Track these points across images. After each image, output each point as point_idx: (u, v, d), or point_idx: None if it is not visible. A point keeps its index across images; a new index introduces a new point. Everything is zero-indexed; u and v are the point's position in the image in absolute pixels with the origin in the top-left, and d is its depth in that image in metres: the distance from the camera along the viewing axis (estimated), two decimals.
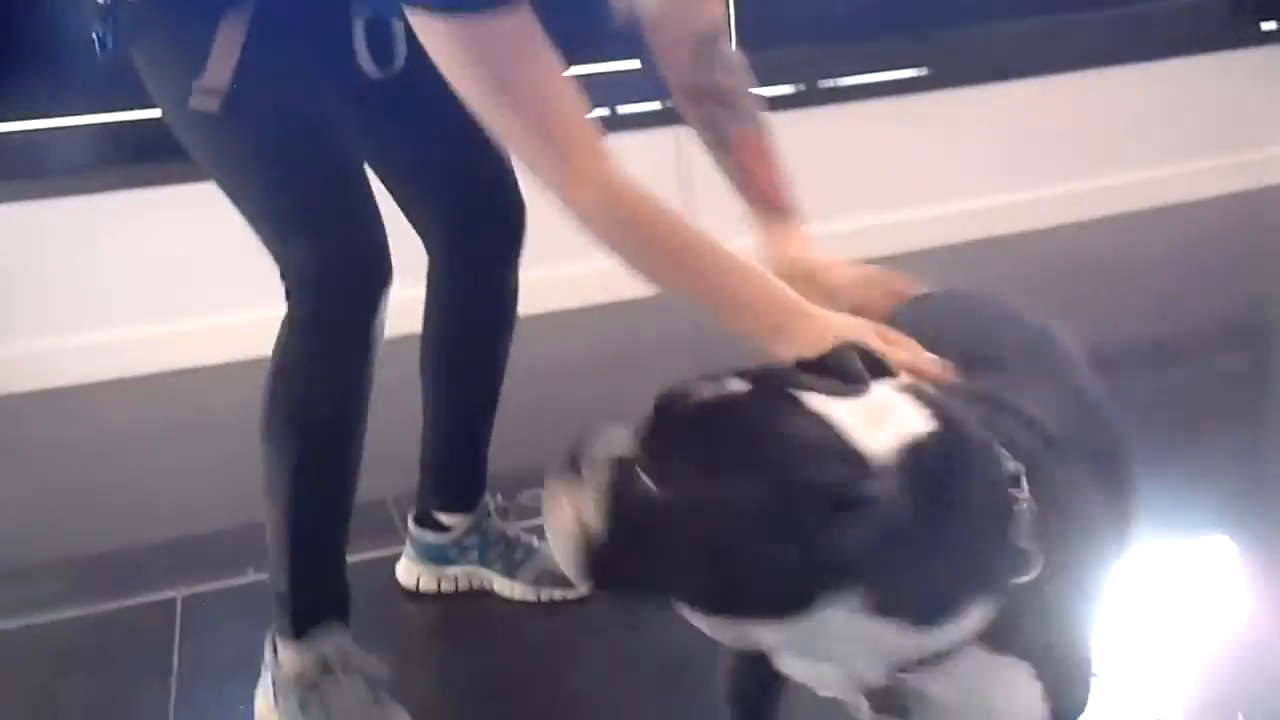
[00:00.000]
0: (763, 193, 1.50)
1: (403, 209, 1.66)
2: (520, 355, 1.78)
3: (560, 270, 2.39)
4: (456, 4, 1.21)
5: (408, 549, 1.85)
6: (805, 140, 3.33)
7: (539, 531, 1.41)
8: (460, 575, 1.83)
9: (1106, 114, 3.64)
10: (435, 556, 1.82)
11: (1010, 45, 3.62)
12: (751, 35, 3.32)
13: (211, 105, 1.35)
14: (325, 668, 1.48)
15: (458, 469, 1.81)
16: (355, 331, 1.42)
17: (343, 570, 1.53)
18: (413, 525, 1.83)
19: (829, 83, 3.43)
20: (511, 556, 1.80)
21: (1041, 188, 3.59)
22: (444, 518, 1.80)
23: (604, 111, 3.21)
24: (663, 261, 1.24)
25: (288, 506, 1.46)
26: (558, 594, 1.77)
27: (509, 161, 1.58)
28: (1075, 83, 3.61)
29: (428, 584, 1.83)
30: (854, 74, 3.44)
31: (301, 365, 1.44)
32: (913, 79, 3.49)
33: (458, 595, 1.82)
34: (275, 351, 1.45)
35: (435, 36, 1.25)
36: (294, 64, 1.41)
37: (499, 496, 1.85)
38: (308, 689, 1.48)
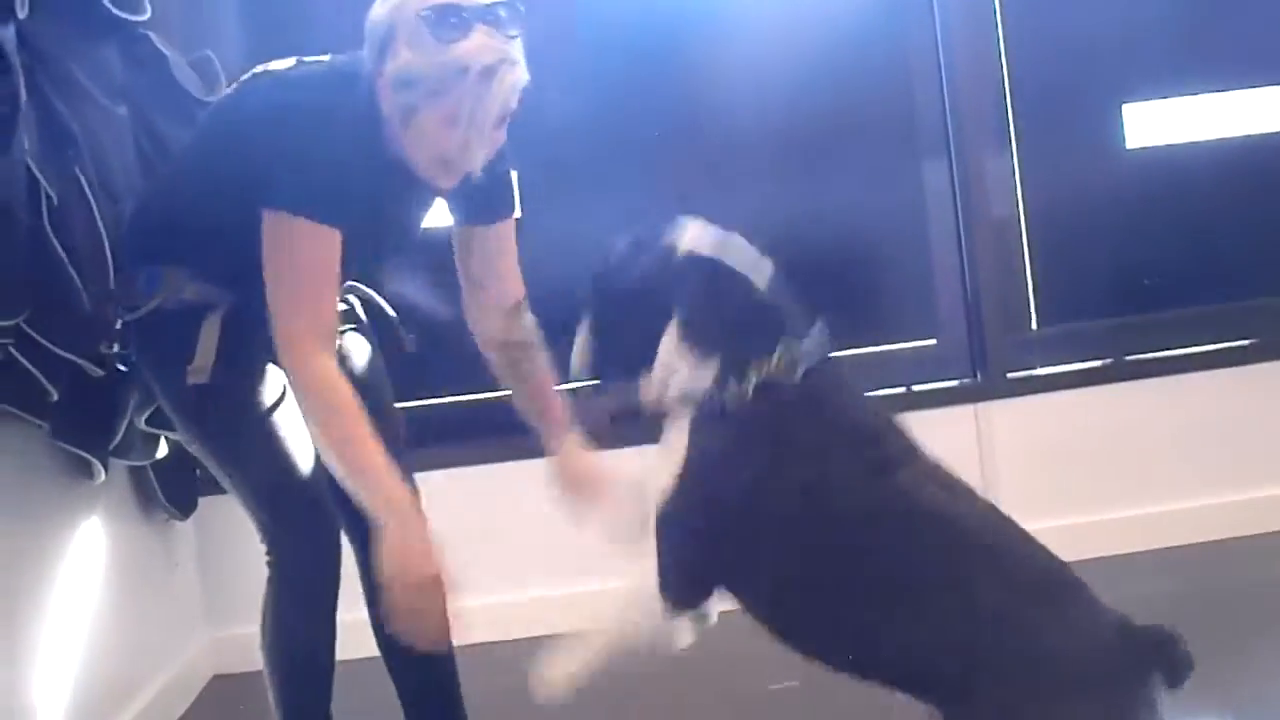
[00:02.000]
0: (551, 418, 2.01)
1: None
2: None
3: None
4: (277, 201, 1.71)
5: None
6: (1114, 417, 3.22)
7: None
8: None
9: None
10: None
11: None
12: (1051, 308, 3.27)
13: (202, 378, 1.81)
14: None
15: None
16: (308, 590, 1.88)
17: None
18: None
19: (1135, 357, 3.28)
20: None
21: None
22: None
23: (901, 389, 3.20)
24: (334, 443, 1.71)
25: (280, 705, 1.93)
26: None
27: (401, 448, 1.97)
28: None
29: None
30: (1167, 347, 3.28)
31: (274, 611, 1.91)
32: (1234, 349, 3.28)
33: None
34: (263, 598, 1.92)
35: (265, 224, 1.72)
36: (254, 353, 1.83)
37: None
38: None
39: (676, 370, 1.51)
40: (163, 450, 2.58)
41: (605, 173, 3.12)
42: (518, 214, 2.06)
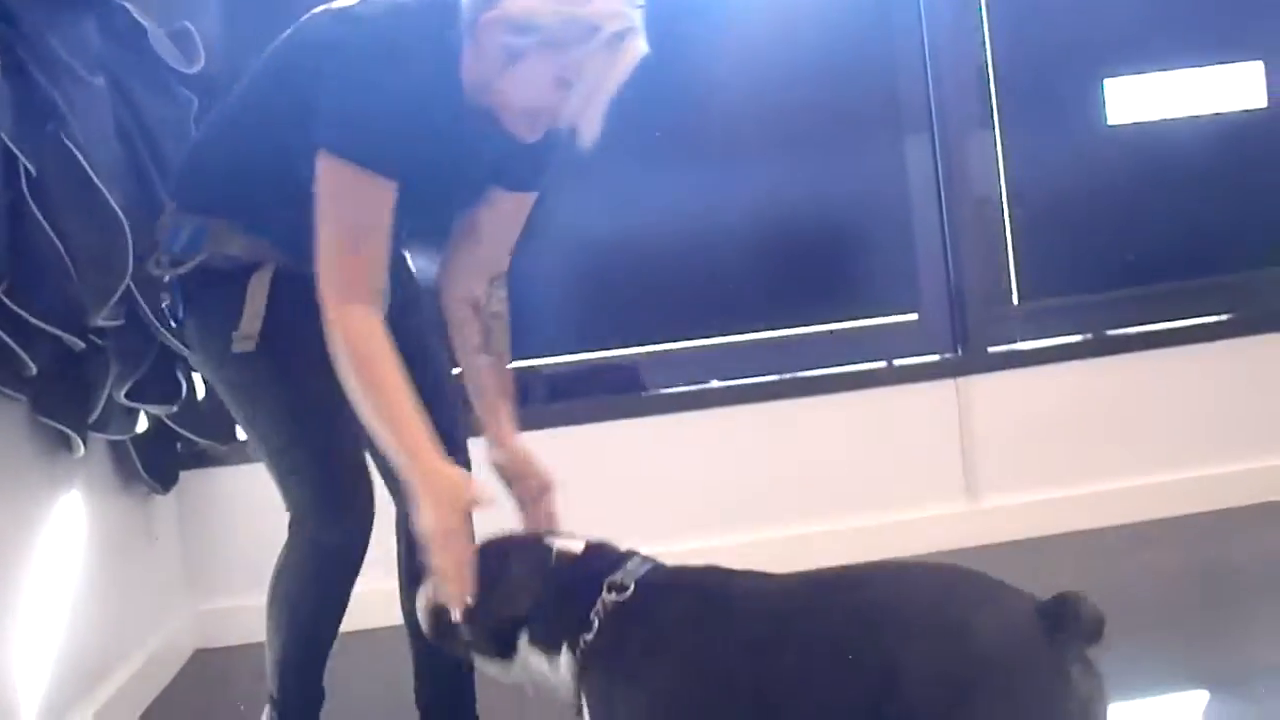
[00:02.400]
0: (504, 394, 1.92)
1: (376, 463, 1.91)
2: None
3: None
4: (337, 146, 1.61)
5: None
6: (1093, 391, 3.24)
7: None
8: None
9: None
10: None
11: None
12: (1032, 284, 3.29)
13: (249, 346, 1.74)
14: None
15: (450, 707, 2.03)
16: (337, 564, 1.84)
17: (320, 682, 1.95)
18: None
19: (1116, 331, 3.30)
20: None
21: None
22: None
23: (882, 364, 3.22)
24: (363, 403, 1.62)
25: (279, 659, 1.92)
26: None
27: (460, 422, 1.97)
28: None
29: None
30: (1147, 322, 3.30)
31: (294, 576, 1.87)
32: (1214, 324, 3.31)
33: None
34: (280, 555, 1.89)
35: (319, 167, 1.62)
36: (307, 313, 1.67)
37: None
38: None
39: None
40: (142, 425, 2.57)
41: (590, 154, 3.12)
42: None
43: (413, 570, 1.96)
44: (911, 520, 3.09)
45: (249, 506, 1.74)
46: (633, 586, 1.47)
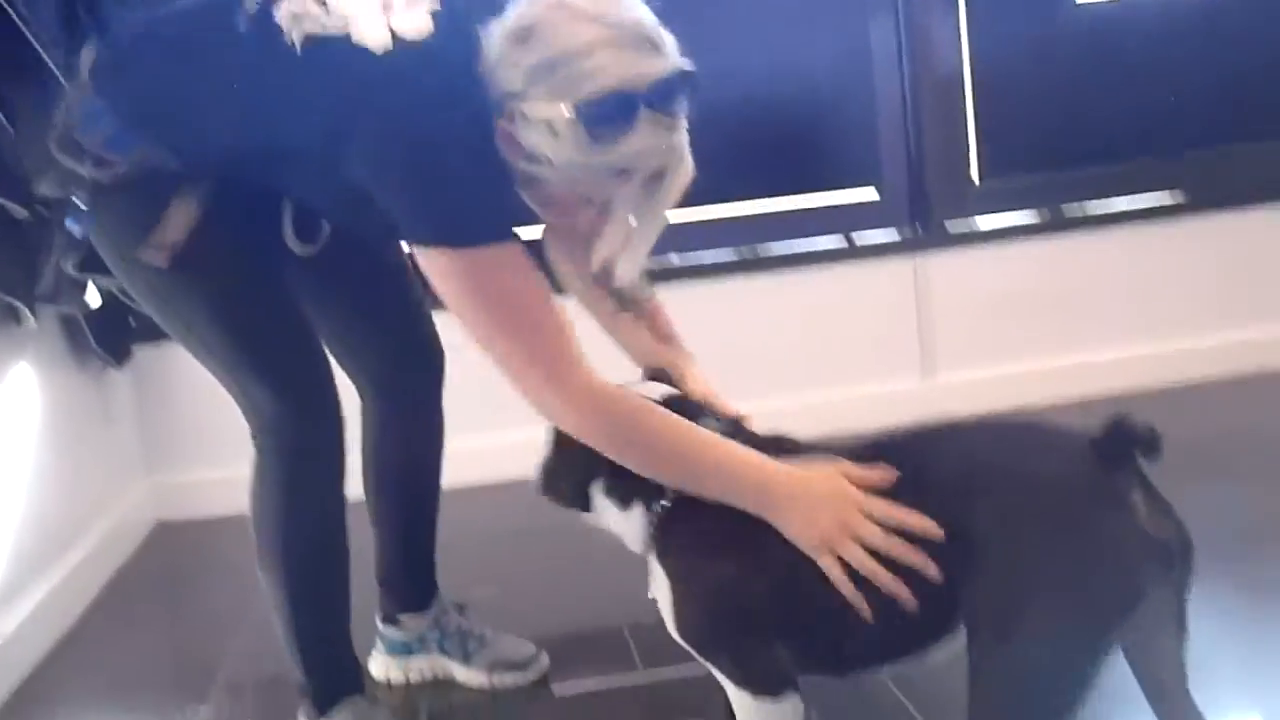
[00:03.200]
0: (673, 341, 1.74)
1: (337, 360, 1.83)
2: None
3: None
4: (459, 239, 1.40)
5: (378, 646, 2.04)
6: (1049, 269, 3.26)
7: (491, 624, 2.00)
8: (423, 666, 2.03)
9: None
10: (400, 650, 2.03)
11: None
12: (993, 162, 3.28)
13: (159, 260, 1.54)
14: None
15: (410, 576, 2.02)
16: (318, 469, 1.69)
17: (349, 651, 1.80)
18: (381, 625, 2.03)
19: (1075, 209, 3.31)
20: (466, 647, 2.01)
21: None
22: (405, 618, 2.01)
23: (841, 240, 3.22)
24: (663, 462, 1.44)
25: (291, 621, 1.73)
26: (509, 679, 1.99)
27: (428, 315, 1.87)
28: None
29: (396, 676, 2.03)
30: (1101, 198, 3.31)
31: (276, 505, 1.68)
32: (1166, 205, 3.32)
33: (432, 684, 2.02)
34: (251, 494, 1.70)
35: (435, 265, 1.43)
36: (240, 234, 1.58)
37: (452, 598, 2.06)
38: None
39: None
40: (95, 299, 2.53)
41: None
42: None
43: (375, 448, 1.96)
44: (867, 395, 3.13)
45: (207, 379, 1.69)
46: None
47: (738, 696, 1.48)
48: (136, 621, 2.48)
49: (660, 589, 1.50)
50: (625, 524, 1.53)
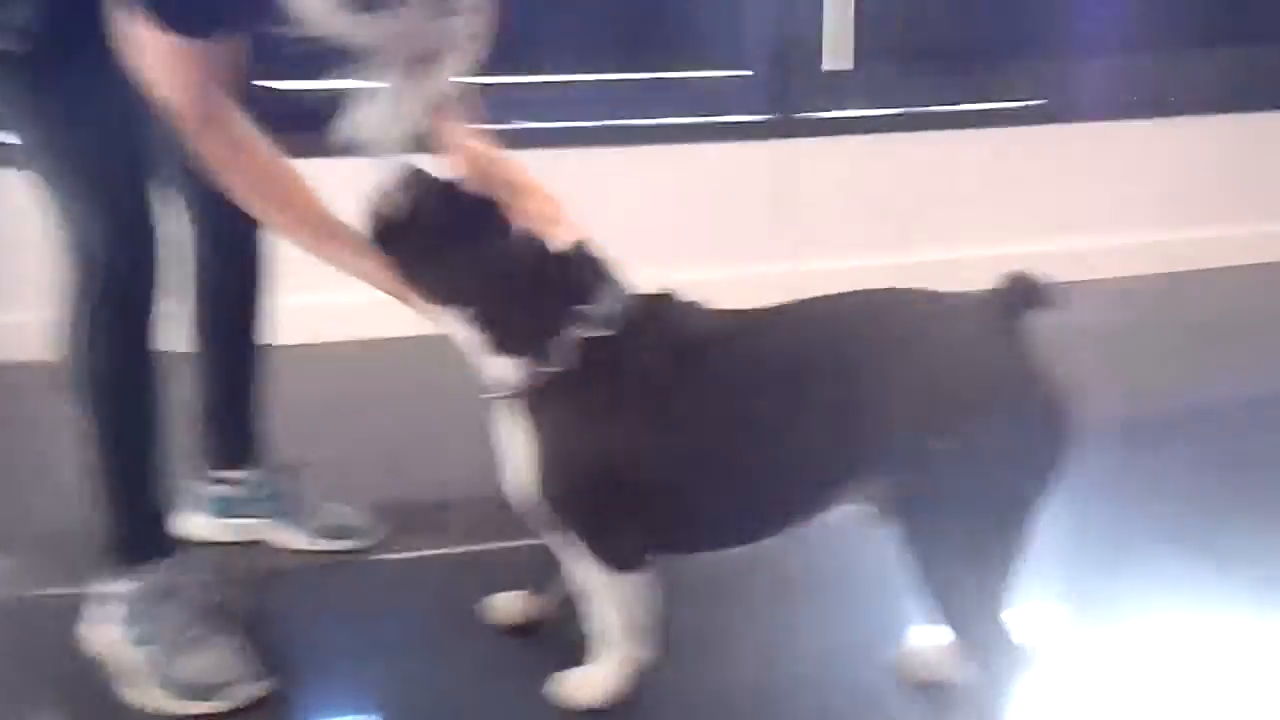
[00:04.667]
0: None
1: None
2: None
3: None
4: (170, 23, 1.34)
5: (192, 504, 1.97)
6: (909, 165, 3.27)
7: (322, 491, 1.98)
8: (246, 526, 1.98)
9: (1225, 163, 3.50)
10: (223, 510, 1.98)
11: (1134, 82, 3.47)
12: (870, 52, 3.25)
13: (9, 43, 1.43)
14: (155, 596, 1.65)
15: (232, 426, 1.97)
16: (127, 297, 1.58)
17: (160, 509, 1.69)
18: (196, 481, 1.97)
19: (944, 108, 3.31)
20: (294, 510, 1.98)
21: (1147, 233, 3.47)
22: (228, 474, 1.97)
23: (703, 119, 3.16)
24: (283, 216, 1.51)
25: (99, 462, 1.63)
26: (335, 545, 1.98)
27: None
28: (1204, 126, 3.47)
29: (209, 535, 1.97)
30: (968, 100, 3.33)
31: (86, 323, 1.58)
32: (1028, 109, 3.35)
33: (251, 545, 1.98)
34: (64, 322, 1.58)
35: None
36: (87, 31, 1.44)
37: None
38: (139, 616, 1.65)
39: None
40: None
41: None
42: None
43: (196, 282, 1.87)
44: (729, 278, 3.10)
45: (33, 213, 1.55)
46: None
47: (593, 570, 1.44)
48: None
49: (519, 445, 1.45)
50: (498, 366, 1.46)
